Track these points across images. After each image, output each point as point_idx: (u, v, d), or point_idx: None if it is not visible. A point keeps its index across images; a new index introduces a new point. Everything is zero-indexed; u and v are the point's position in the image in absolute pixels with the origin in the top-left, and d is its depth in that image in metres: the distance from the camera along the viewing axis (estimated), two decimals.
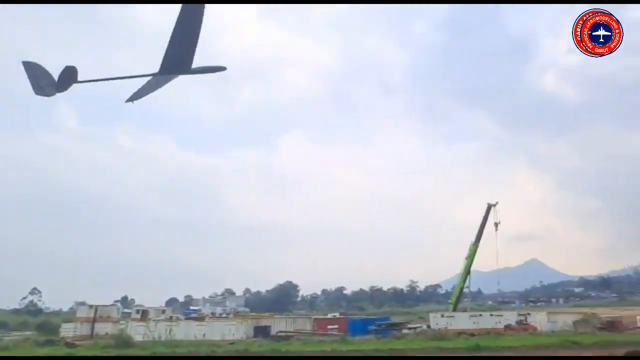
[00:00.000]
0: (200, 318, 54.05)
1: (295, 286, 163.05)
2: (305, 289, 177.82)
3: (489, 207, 60.14)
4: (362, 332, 44.20)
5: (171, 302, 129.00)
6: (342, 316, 65.40)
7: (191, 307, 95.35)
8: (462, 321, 49.86)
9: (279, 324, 46.64)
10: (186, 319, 54.79)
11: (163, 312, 59.44)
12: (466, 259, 60.07)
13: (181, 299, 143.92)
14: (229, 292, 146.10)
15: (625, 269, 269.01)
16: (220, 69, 34.37)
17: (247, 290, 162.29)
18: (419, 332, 45.40)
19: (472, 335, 38.83)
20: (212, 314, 69.98)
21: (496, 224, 59.34)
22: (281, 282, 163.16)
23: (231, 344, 34.27)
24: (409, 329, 49.25)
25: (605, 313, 66.57)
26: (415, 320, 66.11)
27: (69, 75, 28.66)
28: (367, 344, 32.47)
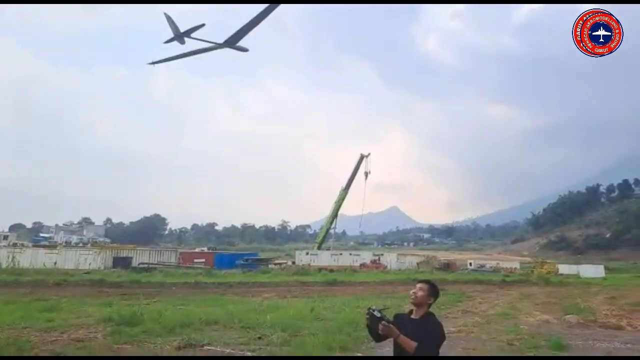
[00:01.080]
0: (51, 246, 49.50)
1: (164, 219, 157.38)
2: (175, 223, 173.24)
3: (362, 157, 63.43)
4: (229, 267, 44.75)
5: (16, 227, 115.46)
6: (210, 250, 65.39)
7: (41, 235, 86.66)
8: (324, 258, 53.26)
9: (141, 256, 44.73)
10: (34, 246, 49.83)
11: (5, 237, 53.20)
12: (335, 203, 63.42)
13: (29, 225, 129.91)
14: (87, 222, 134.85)
15: (466, 220, 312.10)
16: (244, 49, 43.63)
17: (109, 221, 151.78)
18: (284, 267, 47.50)
19: (332, 271, 41.88)
20: (67, 242, 64.45)
21: (366, 174, 63.01)
22: (148, 214, 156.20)
23: (86, 273, 32.10)
24: (275, 264, 51.28)
25: (443, 256, 76.91)
26: (282, 256, 69.06)
27: (190, 32, 40.52)
28: (231, 276, 33.01)
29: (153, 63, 48.15)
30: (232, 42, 43.12)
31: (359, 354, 8.36)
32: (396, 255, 63.35)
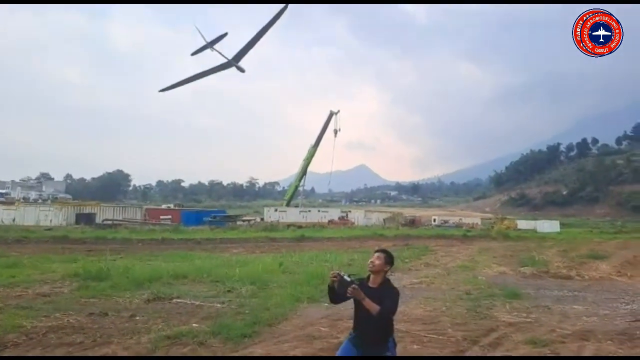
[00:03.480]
0: (8, 202, 47.71)
1: (127, 175, 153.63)
2: (139, 179, 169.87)
3: (331, 114, 62.80)
4: (196, 223, 44.51)
5: None
6: (176, 207, 64.71)
7: None
8: (292, 215, 53.76)
9: (105, 212, 43.87)
10: None
11: None
12: (304, 160, 63.12)
13: None
14: (46, 177, 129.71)
15: (432, 177, 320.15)
16: (243, 70, 49.93)
17: (69, 176, 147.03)
18: (253, 224, 47.74)
19: (300, 227, 42.45)
20: (24, 198, 62.16)
21: (336, 131, 62.55)
22: (110, 170, 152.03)
23: (47, 229, 31.37)
24: (244, 221, 51.42)
25: (409, 213, 78.89)
26: (251, 213, 69.20)
27: (216, 41, 45.93)
28: (199, 233, 32.95)
29: (163, 90, 52.38)
30: (238, 58, 48.31)
31: (325, 304, 8.64)
32: (363, 212, 64.59)
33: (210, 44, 46.60)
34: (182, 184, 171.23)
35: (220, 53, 47.67)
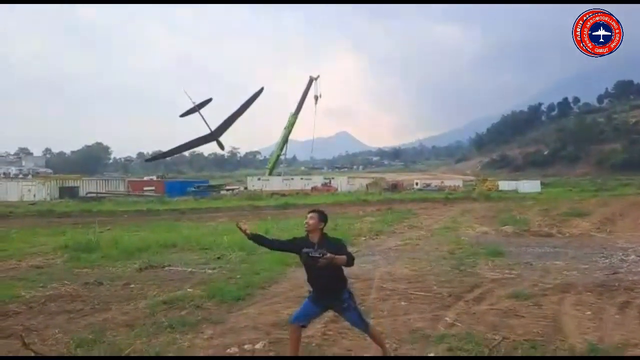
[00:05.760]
0: None
1: (107, 148, 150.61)
2: (119, 152, 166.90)
3: (311, 80, 61.76)
4: (180, 194, 44.44)
5: None
6: (159, 179, 64.23)
7: None
8: (276, 183, 53.89)
9: (88, 186, 43.48)
10: None
11: None
12: (285, 128, 62.56)
13: None
14: (25, 152, 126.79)
15: (413, 142, 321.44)
16: (223, 147, 53.41)
17: (48, 150, 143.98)
18: (236, 193, 47.79)
19: (284, 195, 42.65)
20: (4, 174, 60.93)
21: (316, 97, 61.67)
22: (89, 143, 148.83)
23: (32, 204, 31.03)
24: (227, 190, 51.40)
25: (391, 177, 79.71)
26: (234, 183, 69.02)
27: (202, 105, 49.01)
28: (184, 203, 32.95)
29: (149, 160, 62.96)
30: (219, 132, 50.08)
31: None
32: (346, 178, 64.96)
33: (197, 107, 48.78)
34: None
35: (204, 120, 49.94)
